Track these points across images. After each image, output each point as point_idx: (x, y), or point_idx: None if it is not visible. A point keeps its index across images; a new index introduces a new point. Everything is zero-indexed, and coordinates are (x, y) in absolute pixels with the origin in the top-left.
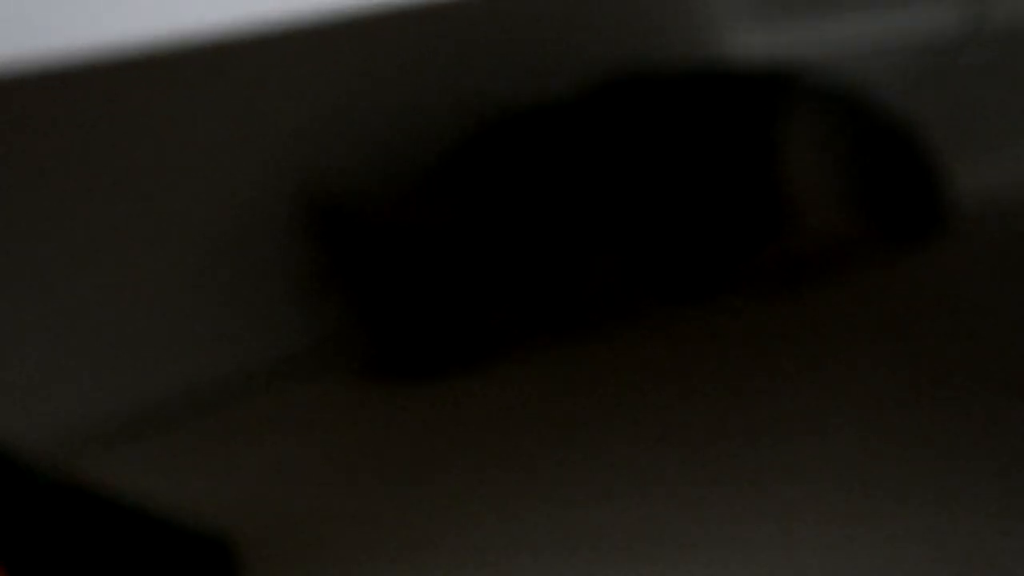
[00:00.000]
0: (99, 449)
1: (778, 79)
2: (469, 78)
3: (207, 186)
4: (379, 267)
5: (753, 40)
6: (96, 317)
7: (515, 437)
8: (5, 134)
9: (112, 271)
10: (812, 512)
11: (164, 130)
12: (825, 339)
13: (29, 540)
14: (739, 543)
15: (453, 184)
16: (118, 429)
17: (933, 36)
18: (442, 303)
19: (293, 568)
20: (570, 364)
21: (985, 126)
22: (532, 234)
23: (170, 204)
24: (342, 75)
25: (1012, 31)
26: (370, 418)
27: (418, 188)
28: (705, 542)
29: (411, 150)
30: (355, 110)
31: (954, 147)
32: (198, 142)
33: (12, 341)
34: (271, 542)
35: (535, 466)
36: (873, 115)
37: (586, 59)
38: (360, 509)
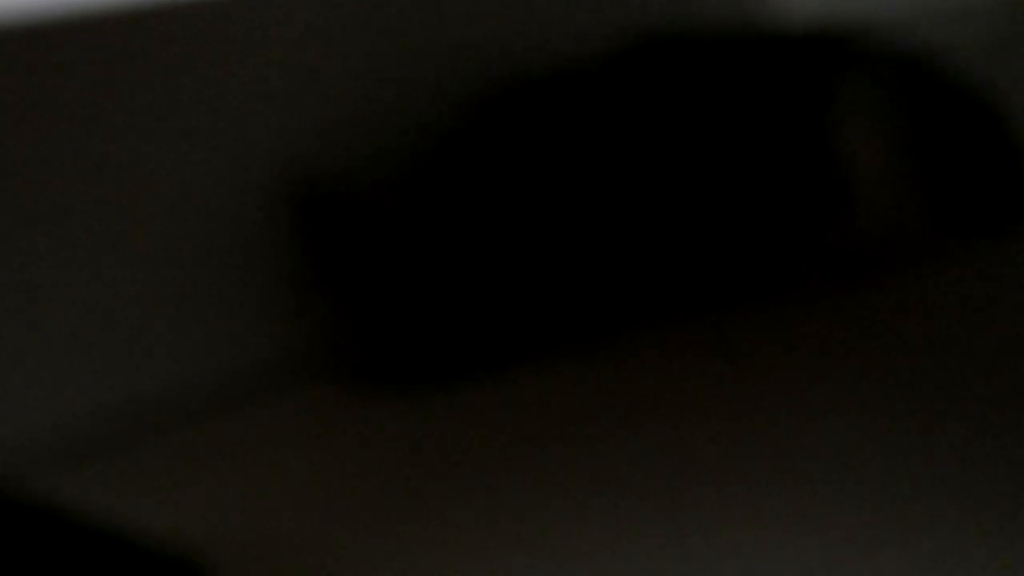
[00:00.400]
0: (61, 464)
1: (831, 44)
2: (473, 44)
3: (179, 174)
4: (371, 260)
5: (810, 5)
6: (59, 320)
7: (521, 454)
8: None
9: (76, 270)
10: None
11: (136, 111)
12: (877, 348)
13: None
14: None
15: (455, 166)
16: (82, 442)
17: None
18: (441, 302)
19: None
20: (585, 372)
21: None
22: (544, 223)
23: (138, 194)
24: (330, 40)
25: None
26: (358, 429)
27: (415, 171)
28: (724, 560)
29: (408, 127)
30: (346, 82)
31: None
32: (172, 125)
33: None
34: (248, 564)
35: (540, 484)
36: (945, 87)
37: (608, 21)
38: (345, 528)
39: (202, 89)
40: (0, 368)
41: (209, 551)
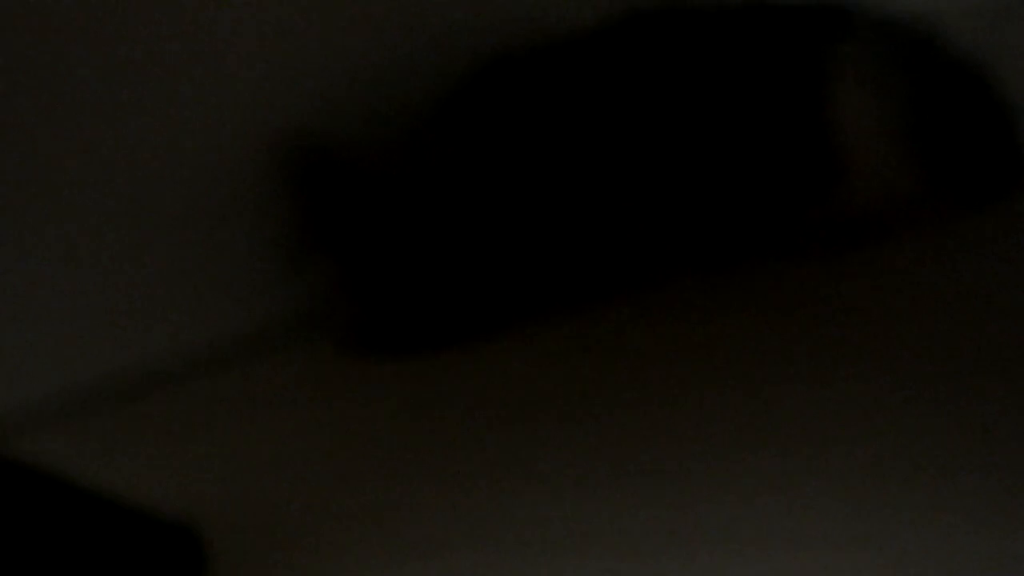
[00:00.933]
0: (60, 428)
1: (830, 17)
2: (470, 13)
3: (178, 138)
4: (366, 224)
5: None
6: (56, 286)
7: (512, 423)
8: None
9: (69, 237)
10: (848, 501)
11: (131, 73)
12: (875, 312)
13: None
14: (749, 537)
15: (451, 130)
16: (79, 407)
17: None
18: (436, 267)
19: (265, 557)
20: (581, 338)
21: None
22: (540, 189)
23: (135, 158)
24: (327, 7)
25: None
26: (350, 397)
27: (411, 134)
28: (710, 537)
29: (404, 91)
30: (340, 44)
31: None
32: (166, 85)
33: None
34: (242, 528)
35: (531, 454)
36: (940, 54)
37: None
38: (336, 494)
39: (199, 54)
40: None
41: (203, 514)
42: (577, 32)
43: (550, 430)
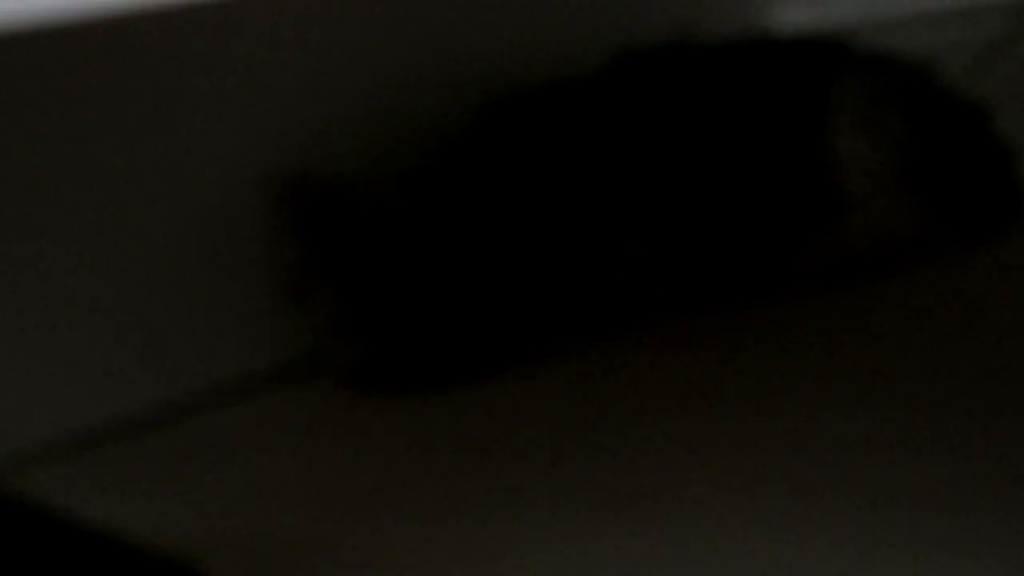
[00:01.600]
0: (60, 466)
1: (828, 53)
2: (476, 51)
3: (178, 174)
4: (370, 261)
5: (801, 14)
6: (56, 322)
7: (514, 460)
8: None
9: (74, 274)
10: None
11: (130, 110)
12: (876, 345)
13: None
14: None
15: (457, 169)
16: (80, 444)
17: (1007, 7)
18: (441, 305)
19: None
20: (586, 376)
21: None
22: (545, 226)
23: (136, 196)
24: (333, 38)
25: None
26: (353, 434)
27: (417, 173)
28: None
29: (409, 130)
30: (348, 82)
31: None
32: (169, 122)
33: None
34: (244, 566)
35: (533, 491)
36: (936, 90)
37: (611, 32)
38: (339, 532)
39: (199, 91)
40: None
41: (204, 553)
42: (581, 72)
43: (552, 467)
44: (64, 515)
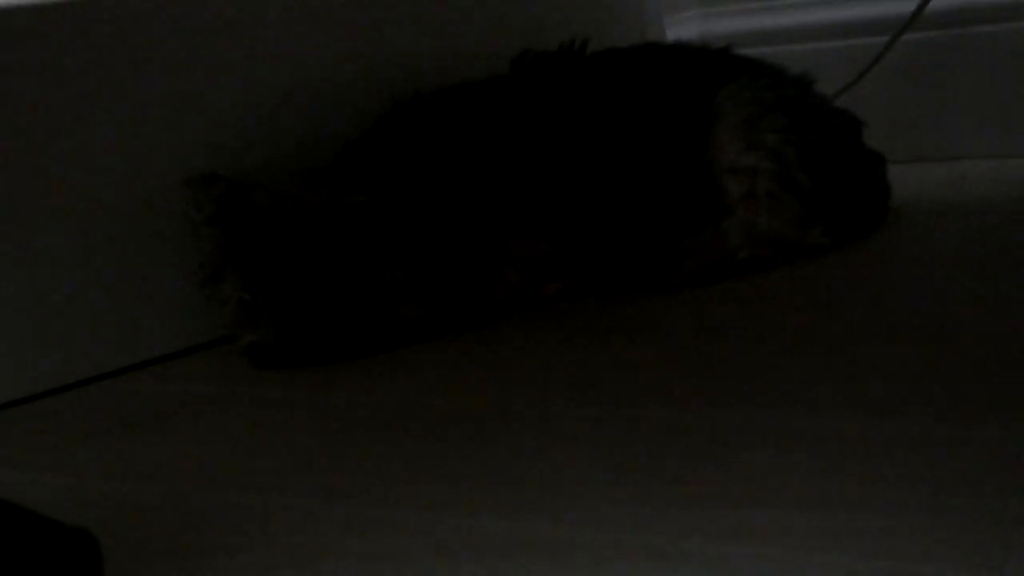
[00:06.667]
0: None
1: (713, 62)
2: (384, 54)
3: (102, 171)
4: (273, 252)
5: (696, 26)
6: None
7: (397, 432)
8: None
9: (7, 257)
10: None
11: (55, 106)
12: (747, 337)
13: None
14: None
15: (358, 167)
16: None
17: (877, 25)
18: (337, 291)
19: (160, 560)
20: (478, 354)
21: (924, 120)
22: (443, 217)
23: (61, 183)
24: (245, 50)
25: (951, 24)
26: (256, 407)
27: (320, 172)
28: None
29: (316, 132)
30: (258, 90)
31: (894, 141)
32: (94, 119)
33: None
34: (143, 533)
35: (428, 455)
36: (813, 103)
37: (513, 40)
38: (235, 500)
39: (128, 99)
40: None
41: (107, 518)
42: (479, 76)
43: (435, 441)
44: None
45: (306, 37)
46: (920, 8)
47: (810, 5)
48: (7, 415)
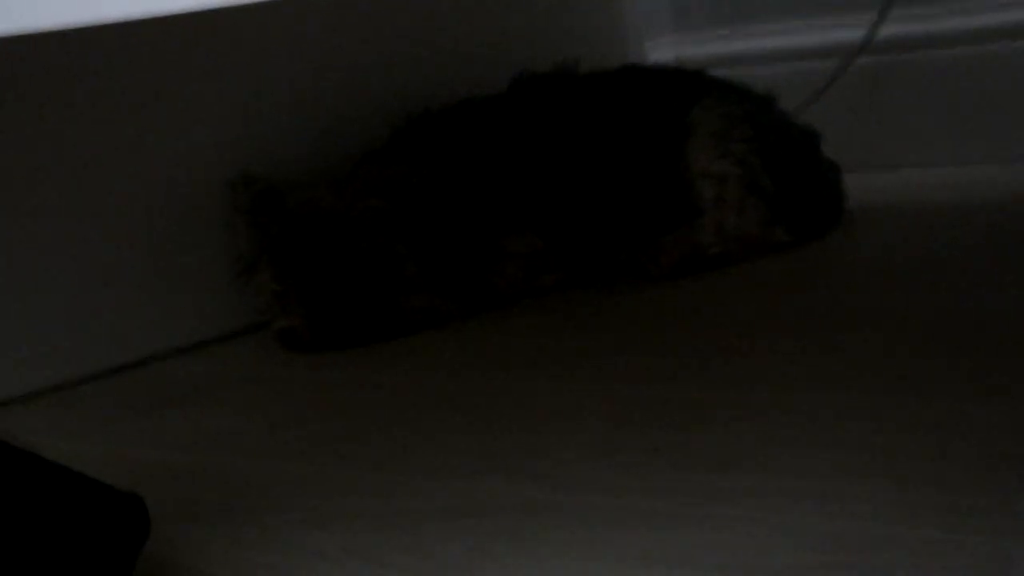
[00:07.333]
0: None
1: (688, 81)
2: (401, 74)
3: (154, 173)
4: (304, 247)
5: (672, 50)
6: (34, 285)
7: (425, 403)
8: None
9: (48, 241)
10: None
11: (106, 109)
12: (720, 324)
13: None
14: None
15: (378, 173)
16: (48, 392)
17: (833, 49)
18: (360, 283)
19: (203, 522)
20: (482, 339)
21: (874, 133)
22: (451, 218)
23: (111, 182)
24: (282, 69)
25: (894, 50)
26: (289, 386)
27: (345, 177)
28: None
29: (341, 141)
30: (292, 102)
31: (848, 151)
32: (141, 122)
33: None
34: (182, 497)
35: (438, 428)
36: (777, 117)
37: (511, 63)
38: (271, 469)
39: (174, 106)
40: None
41: (153, 484)
42: (481, 94)
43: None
44: (24, 450)
45: (332, 62)
46: (870, 37)
47: (773, 33)
48: (61, 395)
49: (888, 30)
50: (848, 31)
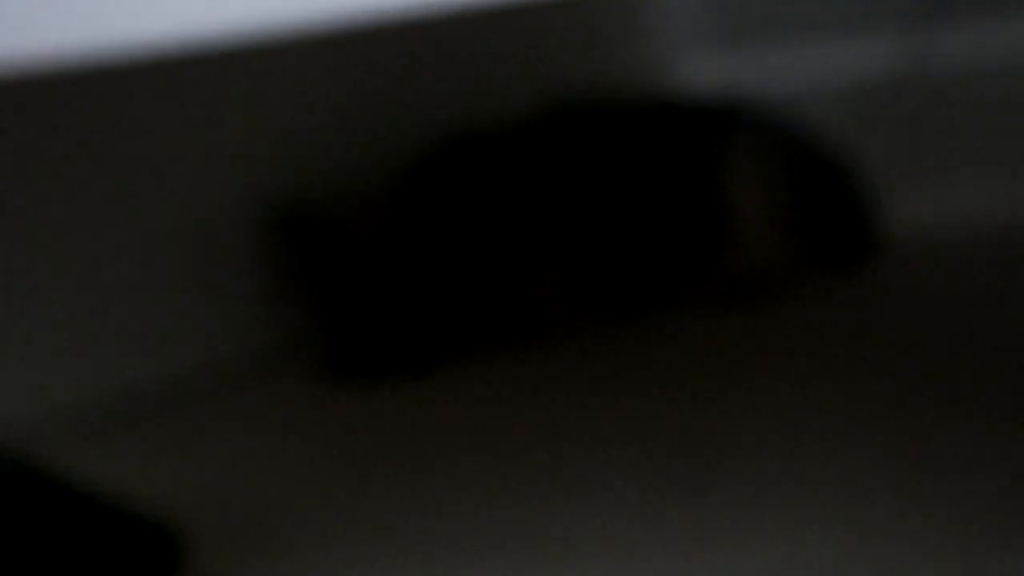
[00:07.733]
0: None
1: (723, 112)
2: (430, 100)
3: (180, 190)
4: (339, 274)
5: (708, 67)
6: (63, 311)
7: (462, 436)
8: None
9: (79, 266)
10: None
11: (141, 135)
12: (758, 357)
13: None
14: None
15: (410, 199)
16: (81, 419)
17: (872, 73)
18: (397, 310)
19: (238, 558)
20: (517, 371)
21: (915, 162)
22: (483, 248)
23: (142, 206)
24: (313, 98)
25: (947, 74)
26: (326, 417)
27: (379, 202)
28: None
29: (373, 167)
30: (323, 129)
31: (886, 180)
32: (174, 148)
33: None
34: (220, 532)
35: (480, 463)
36: (811, 148)
37: (544, 84)
38: (310, 504)
39: (202, 122)
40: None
41: (185, 519)
42: (511, 122)
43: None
44: (57, 477)
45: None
46: (912, 57)
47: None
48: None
49: (930, 49)
50: (886, 50)
